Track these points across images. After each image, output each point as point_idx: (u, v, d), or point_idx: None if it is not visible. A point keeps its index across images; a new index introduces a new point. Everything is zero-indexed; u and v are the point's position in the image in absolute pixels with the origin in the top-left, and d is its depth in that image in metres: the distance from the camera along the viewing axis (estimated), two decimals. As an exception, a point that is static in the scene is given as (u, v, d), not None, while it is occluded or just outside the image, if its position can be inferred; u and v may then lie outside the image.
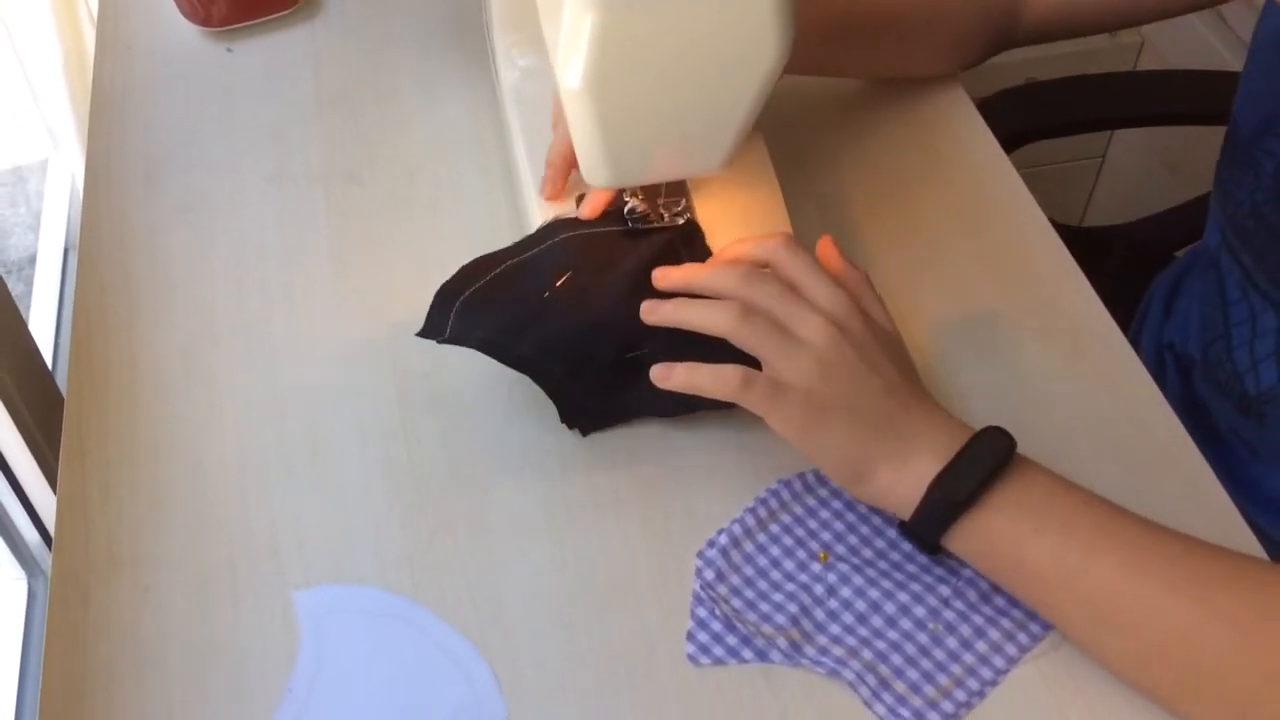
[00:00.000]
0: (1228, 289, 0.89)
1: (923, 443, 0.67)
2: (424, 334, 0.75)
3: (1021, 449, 0.67)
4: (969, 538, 0.66)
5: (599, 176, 0.70)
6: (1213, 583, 0.62)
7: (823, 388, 0.67)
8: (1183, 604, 0.62)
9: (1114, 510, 0.65)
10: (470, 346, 0.74)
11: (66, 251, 1.91)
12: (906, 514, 0.67)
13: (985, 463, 0.65)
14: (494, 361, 0.75)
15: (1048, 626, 0.68)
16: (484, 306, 0.75)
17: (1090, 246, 0.88)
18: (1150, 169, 1.73)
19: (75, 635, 0.69)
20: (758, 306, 0.69)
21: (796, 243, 0.71)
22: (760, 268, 0.71)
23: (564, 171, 0.78)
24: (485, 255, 0.77)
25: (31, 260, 1.94)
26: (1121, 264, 1.17)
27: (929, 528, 0.66)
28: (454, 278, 0.76)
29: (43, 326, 1.79)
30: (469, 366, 0.74)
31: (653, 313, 0.71)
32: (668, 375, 0.69)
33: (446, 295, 0.75)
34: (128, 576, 0.71)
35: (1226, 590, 0.62)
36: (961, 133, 0.95)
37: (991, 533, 0.65)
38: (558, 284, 0.75)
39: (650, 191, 0.79)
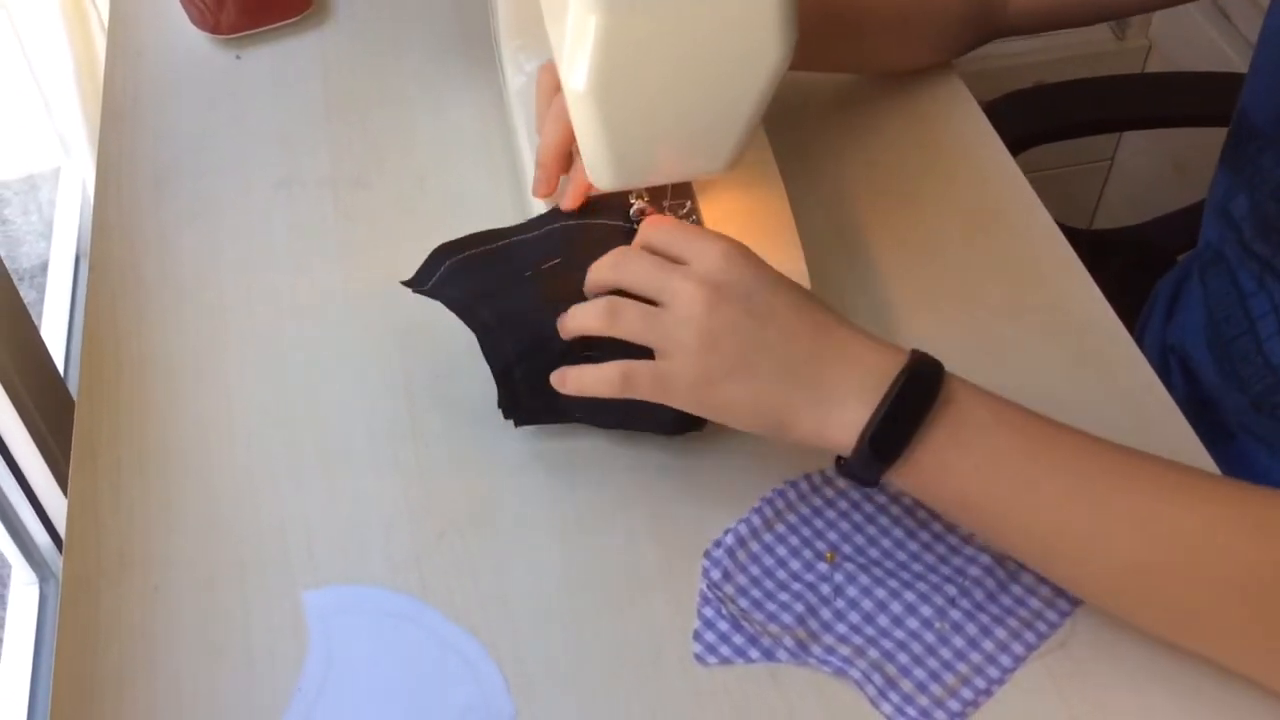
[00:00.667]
0: (1242, 282, 0.89)
1: (843, 387, 0.64)
2: (409, 282, 0.76)
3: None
4: (906, 478, 0.65)
5: (604, 178, 0.70)
6: (1159, 502, 0.62)
7: (711, 358, 0.64)
8: (1125, 530, 0.62)
9: (1053, 434, 0.64)
10: (441, 302, 0.74)
11: (78, 259, 1.92)
12: (843, 452, 0.65)
13: (914, 405, 0.63)
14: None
15: (1054, 624, 0.68)
16: (467, 271, 0.75)
17: (1099, 248, 0.89)
18: (1159, 171, 1.73)
19: (86, 636, 0.69)
20: (631, 289, 0.67)
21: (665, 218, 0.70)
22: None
23: (555, 171, 0.78)
24: (489, 230, 0.77)
25: (44, 268, 1.95)
26: (1130, 266, 1.17)
27: (864, 472, 0.65)
28: (454, 240, 0.77)
29: (55, 333, 1.80)
30: (478, 368, 0.74)
31: (562, 326, 0.71)
32: (562, 381, 0.69)
33: (440, 253, 0.76)
34: (138, 577, 0.71)
35: (1172, 508, 0.61)
36: (966, 133, 0.95)
37: (927, 472, 0.64)
38: (541, 267, 0.75)
39: (655, 193, 0.79)
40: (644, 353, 0.67)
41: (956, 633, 0.68)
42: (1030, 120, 1.18)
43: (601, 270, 0.69)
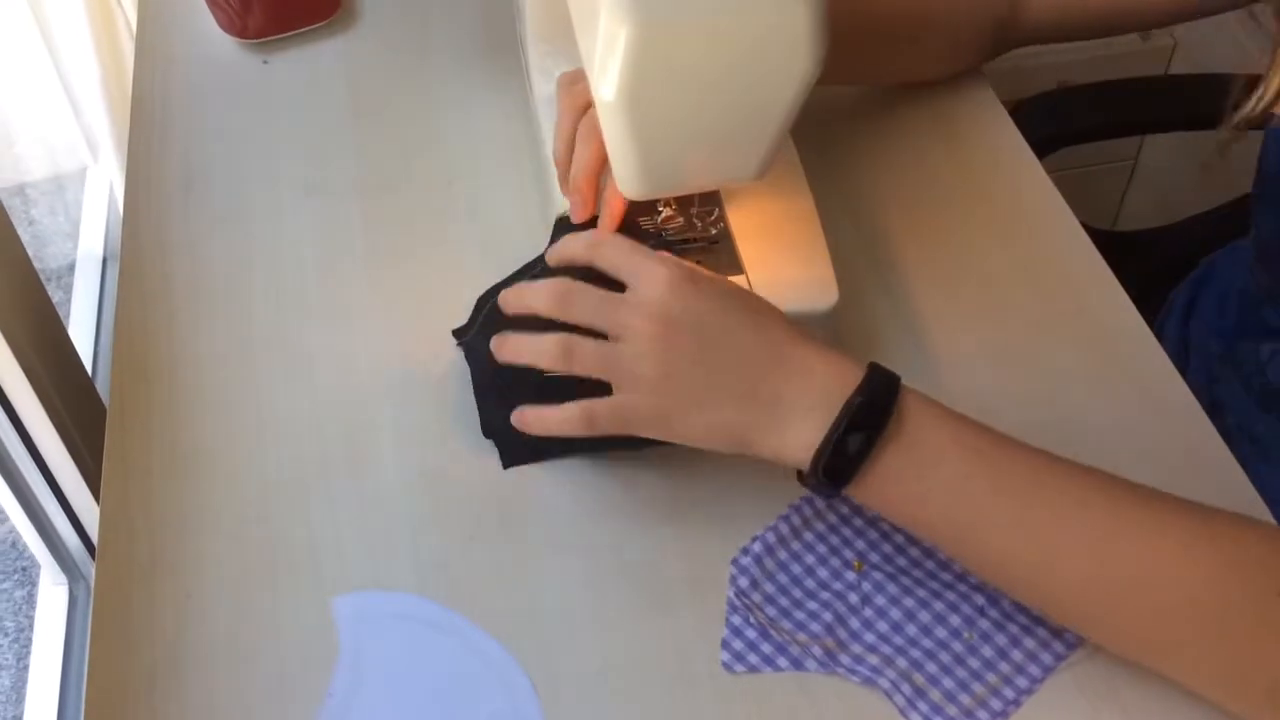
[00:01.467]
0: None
1: (800, 406, 0.64)
2: (456, 332, 0.78)
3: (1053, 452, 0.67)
4: (862, 497, 0.65)
5: (633, 187, 0.71)
6: (1114, 525, 0.62)
7: (668, 390, 0.65)
8: (1078, 553, 0.62)
9: (1009, 456, 0.64)
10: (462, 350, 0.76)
11: (105, 260, 1.93)
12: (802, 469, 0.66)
13: (867, 428, 0.63)
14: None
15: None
16: (491, 313, 0.76)
17: (1123, 250, 0.88)
18: (1183, 172, 1.72)
19: (118, 640, 0.70)
20: (581, 325, 0.67)
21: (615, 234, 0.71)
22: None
23: (590, 196, 0.77)
24: (529, 262, 0.78)
25: (71, 268, 1.96)
26: (1155, 268, 1.16)
27: (819, 491, 0.66)
28: (495, 285, 0.77)
29: (82, 334, 1.81)
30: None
31: (499, 348, 0.70)
32: (523, 421, 0.69)
33: (481, 302, 0.77)
34: (169, 582, 0.72)
35: (1126, 531, 0.62)
36: (994, 138, 0.95)
37: (882, 494, 0.65)
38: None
39: (683, 201, 0.79)
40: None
41: (985, 642, 0.68)
42: (1053, 123, 1.18)
43: (548, 303, 0.68)
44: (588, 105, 0.75)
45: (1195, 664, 0.62)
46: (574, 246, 0.69)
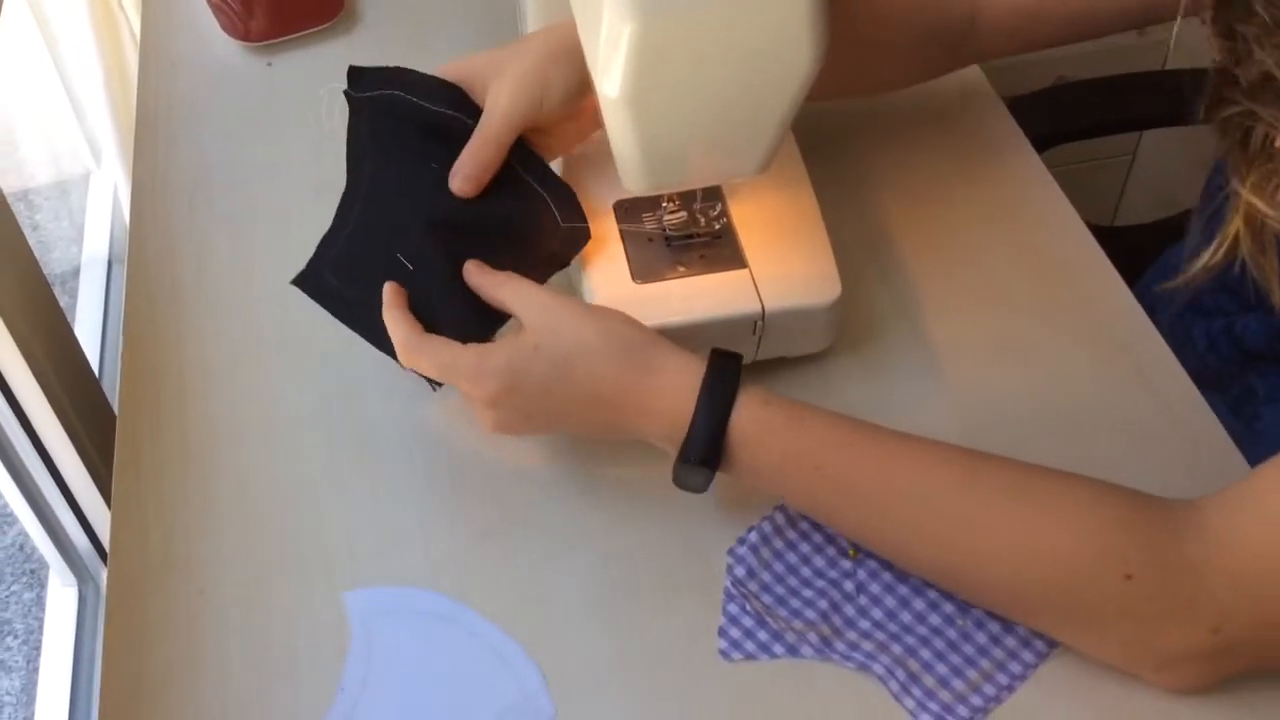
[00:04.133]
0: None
1: (647, 429, 0.69)
2: (298, 281, 0.78)
3: (1057, 450, 0.67)
4: (733, 483, 0.70)
5: (636, 182, 0.71)
6: (957, 528, 0.65)
7: (523, 429, 0.72)
8: (919, 550, 0.67)
9: (847, 462, 0.67)
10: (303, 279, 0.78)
11: (110, 263, 1.94)
12: None
13: (703, 467, 0.67)
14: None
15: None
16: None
17: (1122, 246, 0.89)
18: (1181, 167, 1.72)
19: (132, 638, 0.71)
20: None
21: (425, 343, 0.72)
22: None
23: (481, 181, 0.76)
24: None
25: (75, 272, 1.97)
26: (1153, 263, 1.17)
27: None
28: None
29: (88, 336, 1.82)
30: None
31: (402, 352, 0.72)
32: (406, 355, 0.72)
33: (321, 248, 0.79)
34: (181, 581, 0.73)
35: (972, 533, 0.65)
36: (993, 132, 0.95)
37: (745, 482, 0.70)
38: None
39: (686, 197, 0.80)
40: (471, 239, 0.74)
41: (979, 629, 0.68)
42: (1052, 121, 1.18)
43: (399, 351, 0.72)
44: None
45: (1081, 642, 0.66)
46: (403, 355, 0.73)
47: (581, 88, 0.74)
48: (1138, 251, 1.02)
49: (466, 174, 0.74)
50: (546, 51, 0.74)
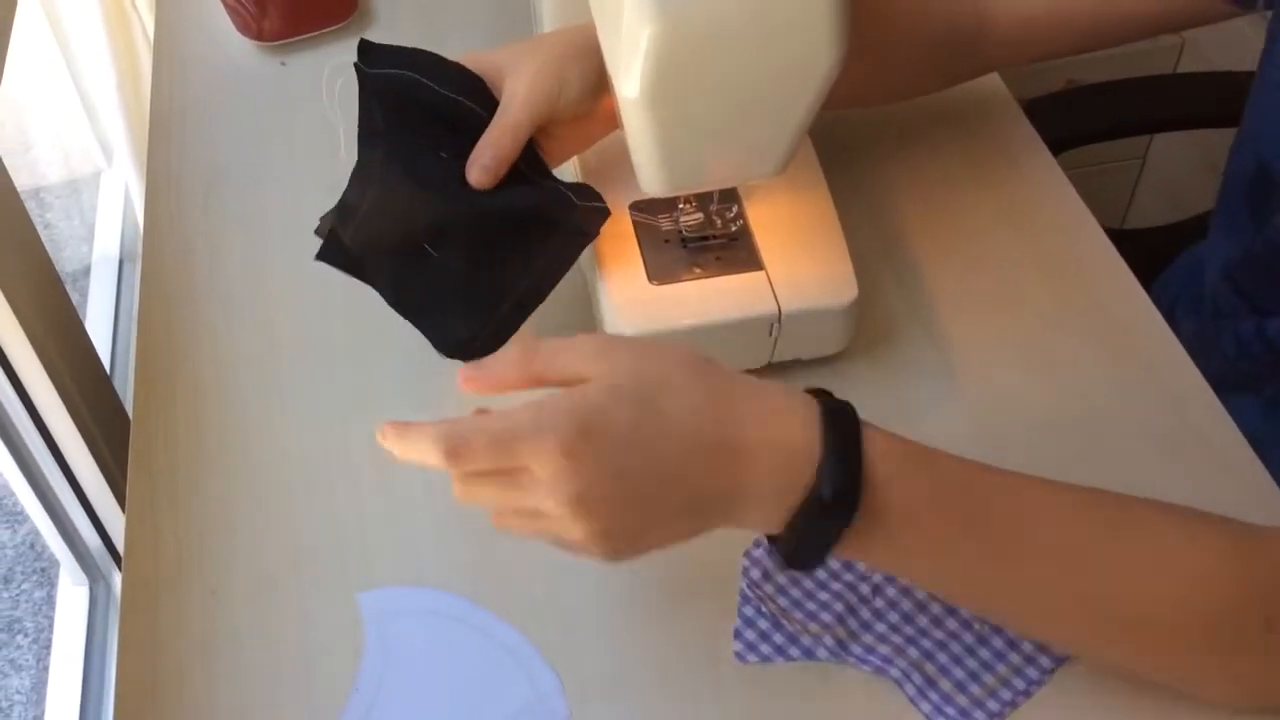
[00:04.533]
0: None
1: (749, 503, 0.57)
2: (323, 255, 0.76)
3: (1075, 452, 0.67)
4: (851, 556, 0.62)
5: (655, 184, 0.71)
6: (1101, 576, 0.60)
7: (605, 538, 0.57)
8: (1068, 612, 0.61)
9: (984, 508, 0.60)
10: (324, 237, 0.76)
11: (121, 262, 1.94)
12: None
13: (831, 524, 0.57)
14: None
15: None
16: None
17: (1132, 248, 0.89)
18: (1192, 170, 1.72)
19: (146, 638, 0.71)
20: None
21: (462, 433, 0.57)
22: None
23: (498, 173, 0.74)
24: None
25: (86, 271, 1.97)
26: (1164, 265, 1.16)
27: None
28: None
29: (100, 335, 1.82)
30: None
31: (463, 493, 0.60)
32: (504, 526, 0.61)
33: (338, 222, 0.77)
34: (196, 581, 0.73)
35: (1112, 582, 0.60)
36: (1008, 134, 0.95)
37: (863, 558, 0.61)
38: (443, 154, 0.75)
39: (702, 198, 0.80)
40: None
41: (996, 633, 0.68)
42: (1065, 125, 1.18)
43: (461, 486, 0.60)
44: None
45: (1208, 689, 0.62)
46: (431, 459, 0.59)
47: (598, 87, 0.74)
48: (1148, 254, 1.01)
49: (485, 164, 0.73)
50: (565, 49, 0.74)
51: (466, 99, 0.75)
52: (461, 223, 0.73)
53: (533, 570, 0.72)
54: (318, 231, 0.76)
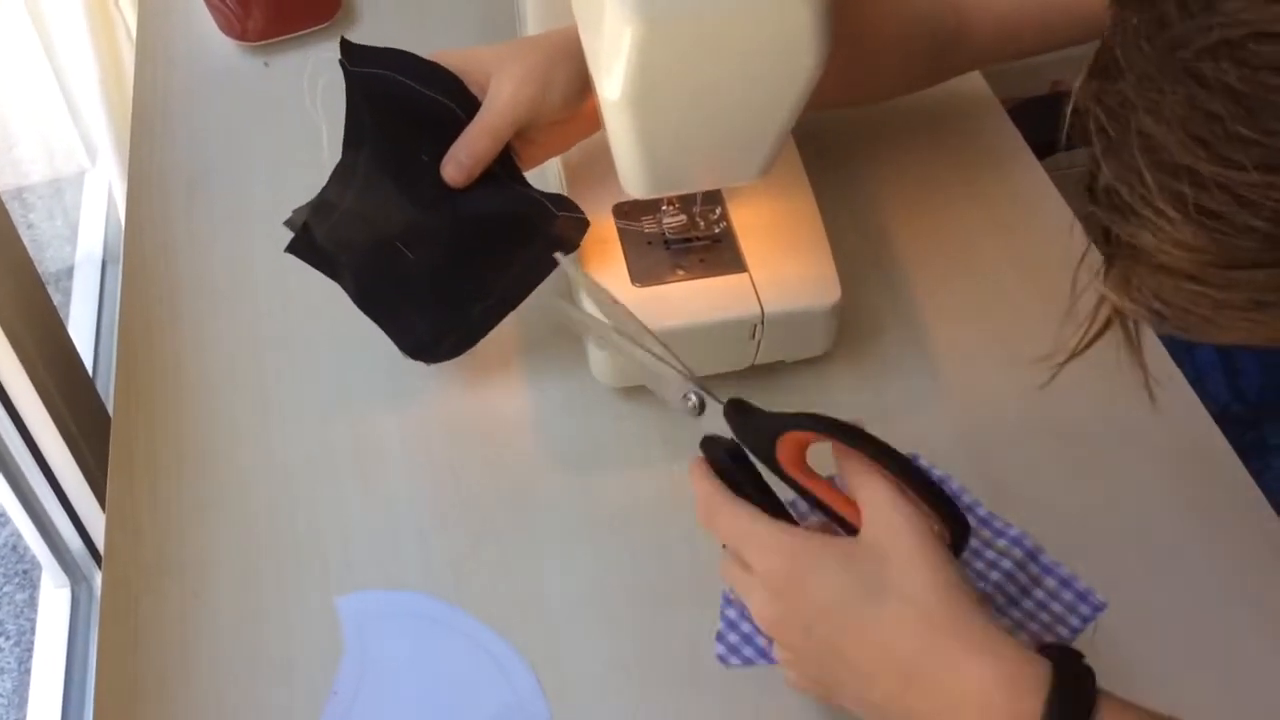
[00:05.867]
0: None
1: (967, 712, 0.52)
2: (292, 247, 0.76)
3: (1057, 455, 0.67)
4: None
5: (637, 186, 0.71)
6: None
7: (799, 667, 0.58)
8: None
9: None
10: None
11: (104, 263, 1.93)
12: None
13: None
14: (537, 370, 0.77)
15: (1077, 628, 0.68)
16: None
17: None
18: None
19: (126, 641, 0.70)
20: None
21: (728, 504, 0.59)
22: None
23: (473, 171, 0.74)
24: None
25: (69, 271, 1.97)
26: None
27: None
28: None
29: (82, 335, 1.81)
30: (515, 375, 0.75)
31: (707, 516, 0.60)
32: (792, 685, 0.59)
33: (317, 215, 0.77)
34: (176, 583, 0.72)
35: None
36: (992, 135, 0.95)
37: None
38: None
39: (686, 200, 0.80)
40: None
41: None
42: (1051, 127, 1.17)
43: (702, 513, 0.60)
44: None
45: None
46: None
47: (583, 90, 0.74)
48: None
49: (460, 161, 0.73)
50: (551, 51, 0.73)
51: (447, 99, 0.74)
52: (437, 226, 0.73)
53: (514, 572, 0.72)
54: (288, 224, 0.76)
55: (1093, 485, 0.75)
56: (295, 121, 0.99)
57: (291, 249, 0.76)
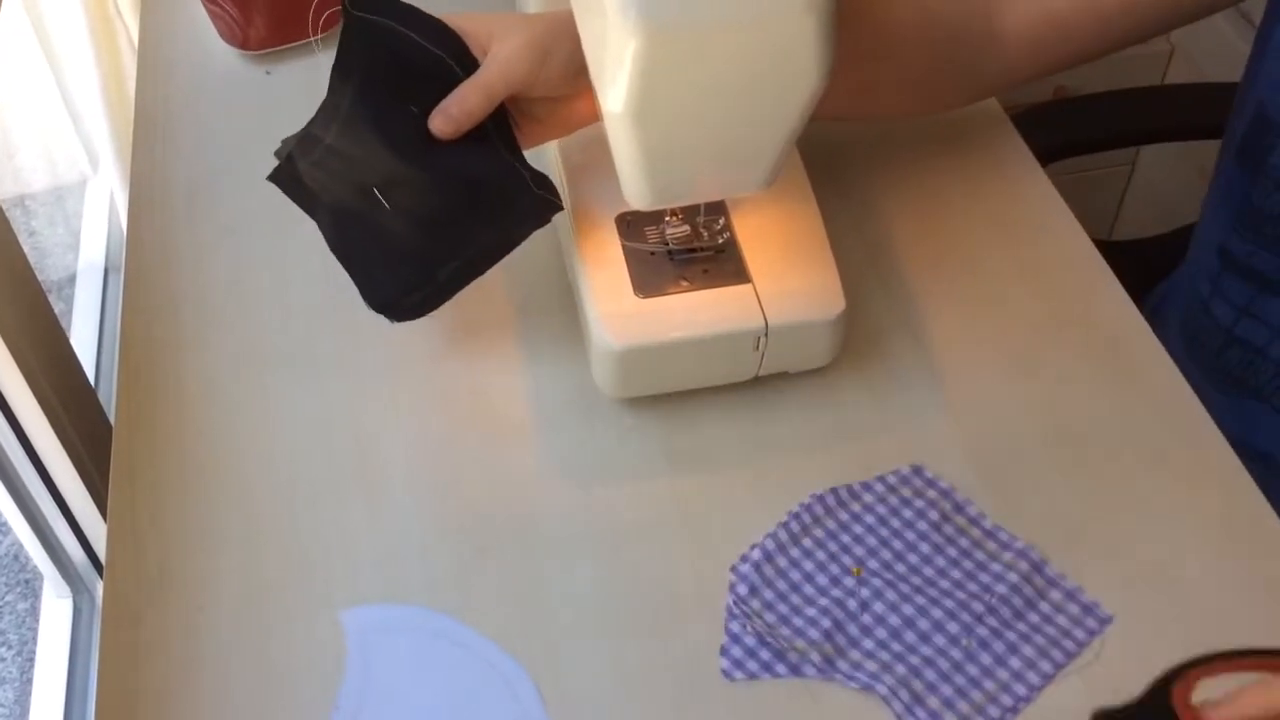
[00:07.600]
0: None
1: None
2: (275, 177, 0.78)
3: (1061, 463, 0.66)
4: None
5: (640, 198, 0.71)
6: None
7: None
8: None
9: None
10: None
11: (106, 271, 1.93)
12: None
13: None
14: (541, 378, 0.77)
15: (1083, 643, 0.68)
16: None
17: (1120, 260, 0.88)
18: (1180, 180, 1.72)
19: (128, 655, 0.70)
20: None
21: None
22: None
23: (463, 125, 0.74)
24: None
25: (71, 280, 1.96)
26: (1152, 276, 1.16)
27: None
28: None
29: (84, 344, 1.81)
30: (518, 384, 0.75)
31: None
32: None
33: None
34: (178, 597, 0.72)
35: None
36: (996, 145, 0.95)
37: None
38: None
39: (689, 211, 0.79)
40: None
41: (984, 649, 0.68)
42: (1054, 134, 1.18)
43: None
44: None
45: None
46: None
47: (583, 68, 0.73)
48: (1136, 265, 1.02)
49: (450, 114, 0.73)
50: (556, 25, 0.74)
51: (447, 56, 0.75)
52: (418, 180, 0.74)
53: (517, 586, 0.71)
54: (276, 153, 0.76)
55: (1099, 497, 0.75)
56: (296, 130, 0.99)
57: (273, 178, 0.77)
